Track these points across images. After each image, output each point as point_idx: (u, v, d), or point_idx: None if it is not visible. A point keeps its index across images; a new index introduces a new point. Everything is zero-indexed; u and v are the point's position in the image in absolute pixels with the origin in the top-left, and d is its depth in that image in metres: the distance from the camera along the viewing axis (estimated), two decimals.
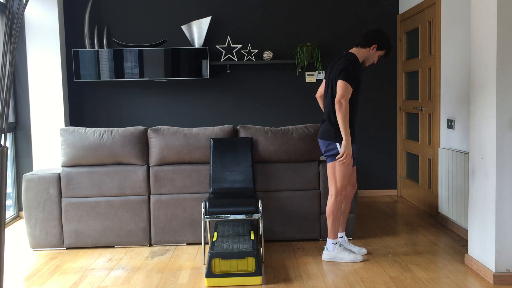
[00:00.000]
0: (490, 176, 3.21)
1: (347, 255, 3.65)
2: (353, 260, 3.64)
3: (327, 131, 3.60)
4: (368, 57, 3.65)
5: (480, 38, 3.32)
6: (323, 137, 3.63)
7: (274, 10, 5.83)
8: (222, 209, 3.57)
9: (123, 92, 5.83)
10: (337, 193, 3.62)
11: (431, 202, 4.96)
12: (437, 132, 4.79)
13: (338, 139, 3.53)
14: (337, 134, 3.53)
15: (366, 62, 3.68)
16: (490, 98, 3.19)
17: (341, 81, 3.47)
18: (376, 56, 3.66)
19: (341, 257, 3.65)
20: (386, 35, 3.64)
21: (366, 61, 3.67)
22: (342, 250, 3.67)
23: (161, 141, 4.08)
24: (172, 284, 3.29)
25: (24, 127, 5.35)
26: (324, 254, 3.72)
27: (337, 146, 3.54)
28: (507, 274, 3.18)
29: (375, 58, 3.67)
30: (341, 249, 3.67)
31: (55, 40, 5.32)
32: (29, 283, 3.38)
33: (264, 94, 5.90)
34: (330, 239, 3.69)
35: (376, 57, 3.66)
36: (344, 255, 3.65)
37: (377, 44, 3.60)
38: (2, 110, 2.11)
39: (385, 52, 3.66)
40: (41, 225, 4.03)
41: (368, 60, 3.67)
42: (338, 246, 3.68)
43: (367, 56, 3.64)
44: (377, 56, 3.66)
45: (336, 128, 3.54)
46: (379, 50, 3.63)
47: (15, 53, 2.23)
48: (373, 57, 3.66)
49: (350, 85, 3.46)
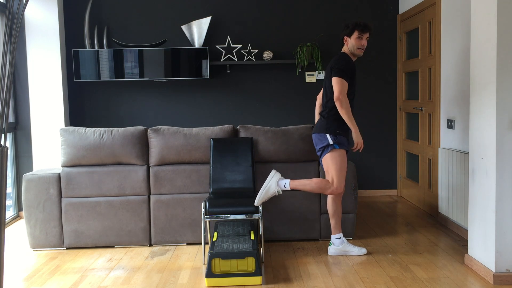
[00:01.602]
0: (490, 176, 3.21)
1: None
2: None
3: (319, 125, 3.71)
4: (352, 48, 3.66)
5: (480, 38, 3.32)
6: (315, 130, 3.74)
7: (274, 10, 5.83)
8: (222, 209, 3.57)
9: (123, 92, 5.83)
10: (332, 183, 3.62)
11: (431, 202, 4.96)
12: (437, 132, 4.79)
13: (328, 130, 3.61)
14: (328, 126, 3.62)
15: (355, 52, 3.67)
16: (490, 98, 3.19)
17: (335, 78, 3.54)
18: (355, 41, 3.64)
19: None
20: (352, 21, 3.70)
21: (354, 52, 3.67)
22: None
23: (161, 141, 4.08)
24: (172, 284, 3.29)
25: (24, 127, 5.35)
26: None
27: (327, 137, 3.60)
28: (507, 274, 3.18)
29: (357, 43, 3.64)
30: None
31: (55, 40, 5.32)
32: (29, 283, 3.38)
33: (264, 94, 5.90)
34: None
35: (357, 41, 3.64)
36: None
37: (345, 35, 3.67)
38: (2, 110, 2.11)
39: (357, 30, 3.63)
40: (41, 225, 4.03)
41: (355, 49, 3.66)
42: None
43: (350, 48, 3.66)
44: (356, 40, 3.64)
45: (328, 121, 3.63)
46: (351, 35, 3.64)
47: (15, 53, 2.23)
48: (356, 44, 3.64)
49: (344, 80, 3.53)
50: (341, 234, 3.80)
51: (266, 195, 3.60)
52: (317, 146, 3.72)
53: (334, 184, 3.61)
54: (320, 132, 3.67)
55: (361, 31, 3.64)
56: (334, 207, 3.77)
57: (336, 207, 3.77)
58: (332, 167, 3.60)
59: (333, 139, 3.60)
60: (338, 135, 3.62)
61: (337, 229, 3.79)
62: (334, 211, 3.77)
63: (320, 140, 3.67)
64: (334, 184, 3.61)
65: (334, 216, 3.78)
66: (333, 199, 3.77)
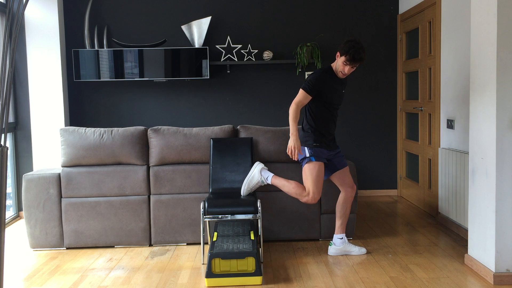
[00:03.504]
0: (490, 176, 3.21)
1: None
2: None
3: (300, 136, 3.68)
4: (337, 67, 3.59)
5: (480, 38, 3.32)
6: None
7: (274, 10, 5.83)
8: (221, 209, 3.57)
9: (123, 92, 5.83)
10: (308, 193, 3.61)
11: (431, 202, 4.96)
12: (437, 132, 4.79)
13: (305, 143, 3.64)
14: (305, 139, 3.65)
15: (337, 72, 3.61)
16: (490, 98, 3.19)
17: (300, 89, 3.57)
18: (341, 63, 3.54)
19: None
20: (352, 43, 3.48)
21: (337, 71, 3.61)
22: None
23: (161, 141, 4.08)
24: (172, 284, 3.29)
25: (24, 127, 5.35)
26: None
27: (305, 150, 3.63)
28: (507, 274, 3.18)
29: (341, 67, 3.55)
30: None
31: (55, 40, 5.32)
32: (29, 283, 3.38)
33: (264, 94, 5.90)
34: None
35: (342, 64, 3.53)
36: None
37: (339, 51, 3.55)
38: (2, 110, 2.11)
39: (345, 57, 3.48)
40: (41, 225, 4.03)
41: (338, 70, 3.60)
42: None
43: (336, 65, 3.60)
44: (341, 63, 3.53)
45: (305, 133, 3.67)
46: (341, 56, 3.52)
47: (15, 53, 2.23)
48: (340, 65, 3.56)
49: (306, 93, 3.54)
50: (344, 235, 3.83)
51: (250, 185, 3.72)
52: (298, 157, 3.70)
53: (310, 195, 3.63)
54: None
55: (348, 62, 3.50)
56: (344, 209, 3.81)
57: (346, 209, 3.81)
58: (308, 178, 3.63)
59: (310, 151, 3.62)
60: (315, 147, 3.62)
61: (341, 229, 3.82)
62: (343, 213, 3.82)
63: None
64: (310, 194, 3.63)
65: (342, 217, 3.82)
66: (344, 200, 3.81)
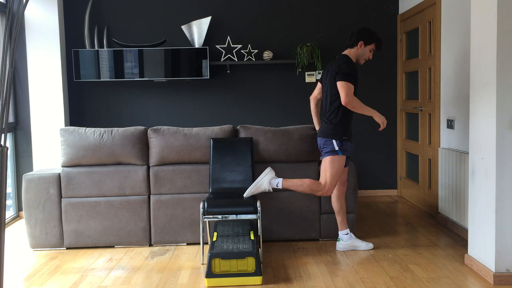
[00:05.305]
0: (490, 176, 3.21)
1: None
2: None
3: (325, 129, 3.71)
4: (360, 55, 3.73)
5: (480, 38, 3.32)
6: (321, 135, 3.75)
7: (274, 10, 5.83)
8: (221, 209, 3.56)
9: (123, 92, 5.83)
10: (324, 186, 3.68)
11: (431, 202, 4.96)
12: (437, 132, 4.79)
13: (335, 136, 3.64)
14: (334, 132, 3.64)
15: (360, 60, 3.75)
16: (490, 98, 3.19)
17: (340, 82, 3.56)
18: (367, 51, 3.72)
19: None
20: (370, 30, 3.72)
21: (359, 59, 3.75)
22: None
23: (161, 141, 4.08)
24: (172, 284, 3.29)
25: (24, 127, 5.35)
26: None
27: (333, 143, 3.63)
28: (507, 274, 3.18)
29: (368, 54, 3.73)
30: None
31: (55, 40, 5.32)
32: (29, 283, 3.38)
33: (264, 94, 5.90)
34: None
35: (368, 52, 3.73)
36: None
37: (363, 41, 3.69)
38: (2, 110, 2.11)
39: (375, 44, 3.72)
40: (41, 225, 4.03)
41: (362, 58, 3.75)
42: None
43: (359, 54, 3.72)
44: (368, 51, 3.72)
45: (334, 126, 3.65)
46: (367, 45, 3.71)
47: (15, 53, 2.23)
48: (365, 53, 3.73)
49: (350, 83, 3.56)
50: (348, 229, 3.88)
51: (256, 190, 3.72)
52: (322, 149, 3.74)
53: (326, 187, 3.66)
54: (326, 137, 3.68)
55: (377, 47, 3.72)
56: (339, 204, 3.87)
57: (341, 204, 3.88)
58: (328, 171, 3.65)
59: (339, 145, 3.63)
60: (345, 141, 3.65)
61: (343, 225, 3.88)
62: (340, 209, 3.87)
63: (325, 144, 3.69)
64: (326, 186, 3.66)
65: (339, 213, 3.87)
66: (337, 197, 3.86)
